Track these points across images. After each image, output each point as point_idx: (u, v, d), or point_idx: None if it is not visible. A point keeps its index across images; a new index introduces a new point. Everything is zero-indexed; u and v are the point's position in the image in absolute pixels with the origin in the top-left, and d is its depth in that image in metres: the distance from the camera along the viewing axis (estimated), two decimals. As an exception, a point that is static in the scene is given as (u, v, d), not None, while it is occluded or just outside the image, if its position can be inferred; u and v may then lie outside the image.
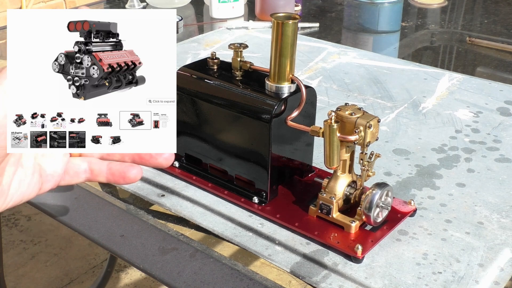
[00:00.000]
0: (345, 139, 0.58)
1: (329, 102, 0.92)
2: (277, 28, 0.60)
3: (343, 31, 1.35)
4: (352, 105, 0.60)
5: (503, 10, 1.47)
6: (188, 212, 0.65)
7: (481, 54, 1.18)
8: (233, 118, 0.65)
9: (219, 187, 0.68)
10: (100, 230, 0.64)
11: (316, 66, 1.07)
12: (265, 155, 0.63)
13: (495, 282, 0.55)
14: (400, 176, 0.72)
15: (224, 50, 1.01)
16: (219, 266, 0.58)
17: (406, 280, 0.55)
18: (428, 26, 1.35)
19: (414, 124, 0.85)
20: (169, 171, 0.72)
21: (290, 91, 0.63)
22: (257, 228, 0.63)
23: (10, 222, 1.96)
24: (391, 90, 0.97)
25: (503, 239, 0.61)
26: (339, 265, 0.57)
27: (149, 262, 0.59)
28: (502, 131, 0.84)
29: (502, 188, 0.70)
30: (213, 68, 0.69)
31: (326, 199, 0.61)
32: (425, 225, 0.63)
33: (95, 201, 0.69)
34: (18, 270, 1.75)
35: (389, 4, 1.46)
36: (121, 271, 1.75)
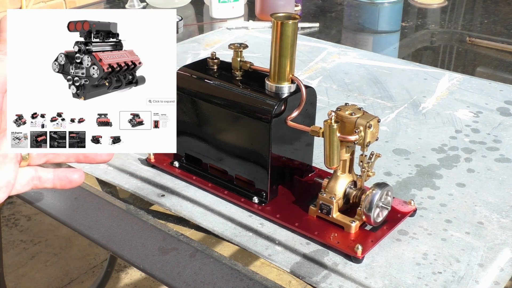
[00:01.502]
0: (345, 139, 0.58)
1: (329, 102, 0.92)
2: (277, 28, 0.60)
3: (343, 31, 1.35)
4: (352, 105, 0.60)
5: (503, 10, 1.47)
6: (188, 212, 0.65)
7: (481, 54, 1.18)
8: (233, 118, 0.65)
9: (219, 187, 0.68)
10: (100, 230, 0.64)
11: (316, 66, 1.07)
12: (265, 155, 0.63)
13: (495, 282, 0.55)
14: (400, 176, 0.72)
15: (224, 50, 1.01)
16: (219, 266, 0.58)
17: (406, 280, 0.55)
18: (428, 26, 1.35)
19: (414, 124, 0.86)
20: (169, 171, 0.72)
21: (290, 91, 0.63)
22: (257, 228, 0.63)
23: (10, 222, 1.96)
24: (391, 90, 0.97)
25: (503, 239, 0.61)
26: (339, 265, 0.57)
27: (149, 262, 0.59)
28: (502, 131, 0.84)
29: (502, 188, 0.70)
30: (213, 68, 0.69)
31: (326, 199, 0.61)
32: (425, 225, 0.63)
33: (95, 201, 0.69)
34: (18, 270, 1.75)
35: (389, 4, 1.46)
36: (121, 271, 1.75)
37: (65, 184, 0.47)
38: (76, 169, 0.47)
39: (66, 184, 0.47)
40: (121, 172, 0.73)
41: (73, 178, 0.47)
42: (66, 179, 0.47)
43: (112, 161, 0.75)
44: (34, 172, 0.46)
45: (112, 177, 0.72)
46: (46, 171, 0.46)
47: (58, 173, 0.46)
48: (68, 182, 0.47)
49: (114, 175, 0.72)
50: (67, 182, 0.47)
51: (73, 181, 0.47)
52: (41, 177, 0.46)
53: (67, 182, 0.47)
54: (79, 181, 0.47)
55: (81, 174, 0.47)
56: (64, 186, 0.47)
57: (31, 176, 0.45)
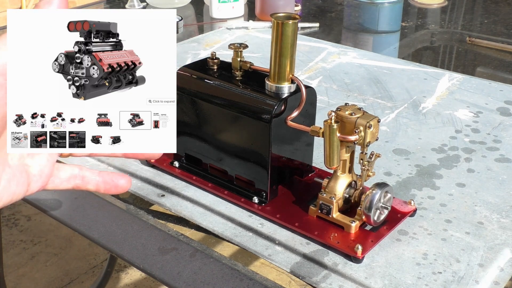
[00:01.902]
0: (345, 139, 0.58)
1: (329, 102, 0.92)
2: (277, 28, 0.60)
3: (343, 31, 1.35)
4: (352, 105, 0.60)
5: (503, 10, 1.47)
6: (188, 212, 0.65)
7: (481, 54, 1.18)
8: (233, 118, 0.65)
9: (219, 187, 0.68)
10: (100, 230, 0.64)
11: (316, 66, 1.07)
12: (265, 155, 0.63)
13: (495, 282, 0.55)
14: (400, 176, 0.72)
15: (224, 50, 1.01)
16: (219, 266, 0.58)
17: (406, 280, 0.55)
18: (428, 26, 1.35)
19: (414, 124, 0.85)
20: (169, 171, 0.72)
21: (290, 91, 0.63)
22: (257, 228, 0.63)
23: (10, 222, 1.96)
24: (391, 90, 0.97)
25: (503, 239, 0.61)
26: (339, 265, 0.57)
27: (149, 262, 0.59)
28: (502, 131, 0.84)
29: (502, 188, 0.70)
30: (213, 68, 0.69)
31: (326, 199, 0.61)
32: (425, 225, 0.63)
33: (95, 201, 0.69)
34: (18, 270, 1.75)
35: (389, 4, 1.46)
36: (121, 271, 1.75)
37: (110, 188, 0.44)
38: (123, 174, 0.45)
39: (111, 189, 0.44)
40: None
41: (119, 182, 0.44)
42: (112, 182, 0.44)
43: (112, 161, 0.75)
44: (78, 170, 0.44)
45: (112, 177, 0.72)
46: (91, 171, 0.44)
47: (104, 175, 0.44)
48: (114, 186, 0.44)
49: (114, 175, 0.72)
50: (113, 186, 0.44)
51: (119, 186, 0.44)
52: (85, 176, 0.44)
53: (112, 186, 0.44)
54: (125, 187, 0.44)
55: (128, 180, 0.44)
56: (109, 190, 0.44)
57: (73, 174, 0.43)
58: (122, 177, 0.45)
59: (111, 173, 0.45)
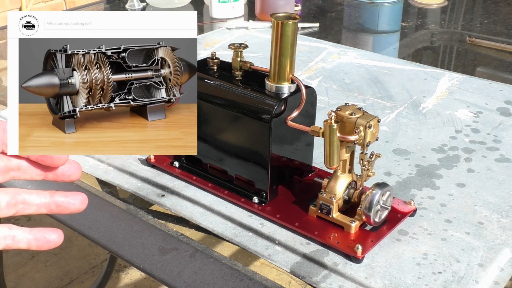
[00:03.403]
0: (345, 139, 0.58)
1: (329, 102, 0.92)
2: (277, 28, 0.60)
3: (343, 31, 1.35)
4: (352, 105, 0.60)
5: (503, 10, 1.47)
6: (188, 212, 0.65)
7: (481, 54, 1.18)
8: (233, 118, 0.65)
9: (219, 187, 0.68)
10: (100, 230, 0.64)
11: (316, 66, 1.07)
12: (265, 155, 0.63)
13: (495, 282, 0.55)
14: (400, 176, 0.72)
15: (224, 50, 1.01)
16: (219, 266, 0.58)
17: (406, 280, 0.55)
18: (428, 26, 1.35)
19: (414, 124, 0.85)
20: (169, 171, 0.72)
21: (290, 91, 0.63)
22: (257, 228, 0.63)
23: (10, 222, 1.96)
24: (391, 90, 0.97)
25: (503, 239, 0.61)
26: (339, 265, 0.57)
27: (149, 262, 0.59)
28: (502, 131, 0.84)
29: (502, 188, 0.70)
30: (213, 68, 0.69)
31: (326, 199, 0.61)
32: (425, 225, 0.63)
33: (95, 201, 0.69)
34: (18, 270, 1.75)
35: (389, 4, 1.46)
36: (121, 271, 1.75)
37: (42, 245, 0.43)
38: (54, 229, 0.43)
39: (44, 245, 0.43)
40: (121, 172, 0.73)
41: (51, 238, 0.43)
42: (44, 239, 0.42)
43: (112, 161, 0.75)
44: (7, 230, 0.42)
45: (112, 177, 0.72)
46: (21, 230, 0.42)
47: (35, 232, 0.42)
48: (46, 242, 0.42)
49: (114, 175, 0.72)
50: (45, 242, 0.42)
51: (51, 242, 0.43)
52: (15, 236, 0.42)
53: (44, 242, 0.42)
54: (57, 242, 0.43)
55: (59, 234, 0.43)
56: (41, 247, 0.43)
57: (3, 234, 0.41)
58: (53, 232, 0.43)
59: (42, 229, 0.43)
